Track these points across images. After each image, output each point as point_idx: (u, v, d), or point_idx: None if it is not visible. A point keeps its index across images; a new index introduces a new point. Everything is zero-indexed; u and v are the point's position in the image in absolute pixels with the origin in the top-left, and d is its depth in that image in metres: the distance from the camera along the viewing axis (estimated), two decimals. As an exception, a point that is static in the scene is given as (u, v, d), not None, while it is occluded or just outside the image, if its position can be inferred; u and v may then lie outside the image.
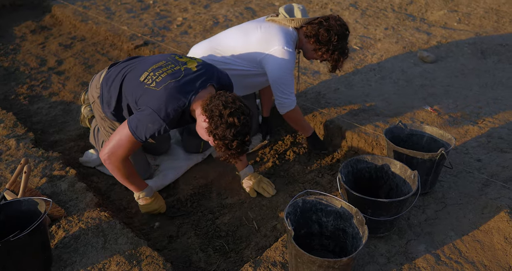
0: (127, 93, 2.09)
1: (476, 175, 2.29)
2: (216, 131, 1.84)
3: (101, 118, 2.35)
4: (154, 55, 2.25)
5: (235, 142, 1.85)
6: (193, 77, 2.00)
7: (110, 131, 2.35)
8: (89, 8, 5.19)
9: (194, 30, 4.48)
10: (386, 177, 2.05)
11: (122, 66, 2.20)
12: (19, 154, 2.52)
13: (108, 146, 2.00)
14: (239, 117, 1.83)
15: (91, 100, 2.37)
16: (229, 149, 1.88)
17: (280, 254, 1.88)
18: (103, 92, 2.20)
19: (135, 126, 1.93)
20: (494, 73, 3.49)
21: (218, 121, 1.82)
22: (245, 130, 1.87)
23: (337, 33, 2.35)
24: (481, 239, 1.91)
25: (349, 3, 5.17)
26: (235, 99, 1.87)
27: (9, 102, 3.45)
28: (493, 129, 2.68)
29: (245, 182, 2.48)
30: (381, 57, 3.80)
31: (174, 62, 2.09)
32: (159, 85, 1.95)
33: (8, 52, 4.35)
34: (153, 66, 2.06)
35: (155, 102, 1.91)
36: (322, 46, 2.39)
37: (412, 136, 2.30)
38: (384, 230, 1.91)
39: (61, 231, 1.99)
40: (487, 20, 4.59)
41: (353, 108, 2.99)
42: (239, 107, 1.85)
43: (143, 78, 2.02)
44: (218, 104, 1.83)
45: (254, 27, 2.47)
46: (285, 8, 2.47)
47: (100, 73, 2.32)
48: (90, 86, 2.36)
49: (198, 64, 2.09)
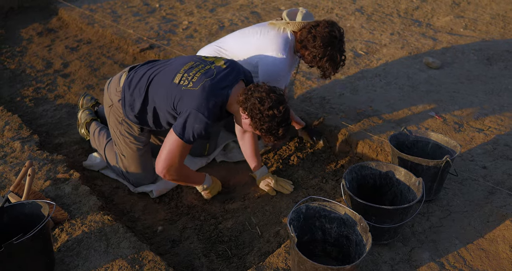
0: (156, 97, 2.14)
1: (481, 182, 2.28)
2: (262, 127, 1.99)
3: (118, 122, 2.36)
4: (178, 57, 2.30)
5: (281, 130, 2.01)
6: (225, 74, 2.10)
7: (126, 134, 2.36)
8: (96, 11, 5.22)
9: (200, 34, 4.49)
10: (391, 184, 2.04)
11: (145, 69, 2.24)
12: (24, 156, 2.52)
13: (161, 160, 2.08)
14: (278, 108, 1.96)
15: (108, 104, 2.38)
16: (276, 137, 2.04)
17: (283, 260, 1.86)
18: (125, 96, 2.23)
19: (181, 130, 2.00)
20: (500, 80, 3.47)
21: (261, 118, 1.97)
22: (286, 116, 2.02)
23: (322, 40, 2.29)
24: (486, 248, 1.89)
25: (355, 8, 5.17)
26: (268, 92, 1.98)
27: (14, 104, 3.47)
28: (499, 136, 2.67)
29: (262, 181, 2.51)
30: (386, 63, 3.79)
31: (203, 62, 2.17)
32: (196, 84, 2.02)
33: (15, 55, 4.38)
34: (184, 67, 2.13)
35: (196, 102, 1.98)
36: (309, 52, 2.36)
37: (417, 142, 2.29)
38: (388, 237, 1.89)
39: (64, 234, 1.99)
40: (493, 26, 4.58)
41: (358, 113, 2.98)
42: (274, 99, 1.96)
43: (177, 80, 2.08)
44: (255, 102, 1.95)
45: (254, 32, 2.50)
46: (289, 12, 2.48)
47: (118, 77, 2.33)
48: (108, 90, 2.37)
49: (225, 61, 2.19)
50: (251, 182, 2.61)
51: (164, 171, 2.09)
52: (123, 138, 2.38)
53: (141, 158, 2.43)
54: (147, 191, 2.50)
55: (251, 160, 2.52)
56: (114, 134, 2.42)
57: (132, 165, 2.43)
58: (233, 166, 2.78)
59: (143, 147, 2.42)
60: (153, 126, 2.30)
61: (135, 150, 2.40)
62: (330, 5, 5.30)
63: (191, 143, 2.05)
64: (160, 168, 2.09)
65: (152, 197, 2.48)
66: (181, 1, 5.60)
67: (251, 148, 2.47)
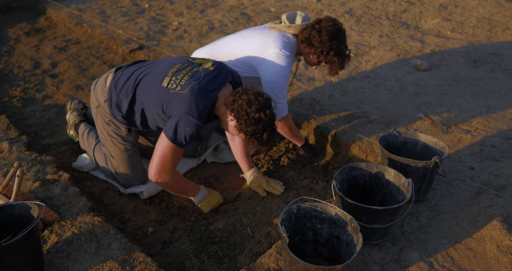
0: (144, 98, 2.13)
1: (469, 183, 2.31)
2: (247, 129, 1.98)
3: (105, 122, 2.35)
4: (165, 58, 2.29)
5: (265, 134, 2.01)
6: (213, 77, 2.10)
7: (113, 135, 2.35)
8: (84, 11, 5.18)
9: (190, 35, 4.48)
10: (381, 185, 2.06)
11: (132, 69, 2.23)
12: (12, 157, 2.49)
13: (154, 165, 2.06)
14: (265, 111, 1.97)
15: (95, 105, 2.36)
16: (260, 141, 2.03)
17: (274, 260, 1.87)
18: (112, 96, 2.22)
19: (172, 134, 1.99)
20: (486, 82, 3.53)
21: (247, 120, 1.96)
22: (272, 121, 2.03)
23: (328, 34, 2.35)
24: (474, 247, 1.92)
25: (344, 11, 5.21)
26: (257, 95, 1.99)
27: (2, 104, 3.43)
28: (485, 137, 2.71)
29: (253, 182, 2.52)
30: (375, 65, 3.82)
31: (191, 64, 2.16)
32: (184, 88, 2.02)
33: (2, 54, 4.32)
34: (172, 70, 2.12)
35: (185, 105, 1.98)
36: (315, 48, 2.40)
37: (406, 143, 2.32)
38: (378, 237, 1.91)
39: (53, 235, 1.97)
40: (480, 29, 4.65)
41: (347, 115, 3.00)
42: (262, 102, 1.97)
43: (165, 83, 2.07)
44: (242, 104, 1.95)
45: (254, 33, 2.51)
46: (288, 15, 2.49)
47: (105, 77, 2.32)
48: (95, 91, 2.35)
49: (213, 63, 2.18)
50: (242, 182, 2.62)
51: (157, 176, 2.07)
52: (110, 139, 2.37)
53: (130, 158, 2.42)
54: (138, 192, 2.48)
55: (241, 161, 2.52)
56: (102, 135, 2.41)
57: (121, 165, 2.42)
58: (223, 166, 2.78)
59: (131, 147, 2.41)
60: (141, 127, 2.29)
61: (123, 150, 2.39)
62: (319, 7, 5.33)
63: (183, 146, 2.04)
64: (152, 173, 2.07)
65: (143, 198, 2.47)
66: (171, 2, 5.59)
67: (241, 149, 2.48)
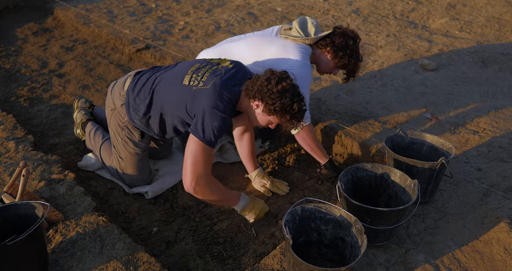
0: (163, 100, 2.11)
1: (476, 184, 2.28)
2: (275, 107, 1.95)
3: (120, 126, 2.34)
4: (181, 62, 2.28)
5: (295, 104, 1.96)
6: (234, 73, 2.10)
7: (125, 139, 2.35)
8: (92, 11, 5.20)
9: (196, 35, 4.49)
10: (386, 186, 2.04)
11: (150, 73, 2.23)
12: (18, 157, 2.51)
13: (188, 174, 1.94)
14: (286, 81, 1.96)
15: (110, 107, 2.36)
16: (293, 114, 1.98)
17: (278, 262, 1.86)
18: (129, 100, 2.22)
19: (201, 133, 1.94)
20: (495, 82, 3.49)
21: (271, 95, 1.94)
22: (296, 90, 1.99)
23: (352, 38, 2.44)
24: (480, 250, 1.89)
25: (351, 10, 5.18)
26: (271, 72, 2.00)
27: (9, 104, 3.45)
28: (493, 138, 2.68)
29: (257, 182, 2.51)
30: (382, 64, 3.80)
31: (209, 63, 2.16)
32: (207, 83, 2.01)
33: (10, 54, 4.35)
34: (191, 69, 2.11)
35: (210, 100, 1.96)
36: (340, 52, 2.44)
37: (412, 144, 2.30)
38: (383, 239, 1.89)
39: (58, 235, 1.97)
40: (488, 28, 4.60)
41: (353, 115, 2.98)
42: (278, 75, 1.98)
43: (187, 81, 2.06)
44: (261, 83, 1.96)
45: (268, 42, 2.48)
46: (299, 22, 2.47)
47: (123, 80, 2.31)
48: (112, 93, 2.35)
49: (231, 62, 2.18)
50: (247, 183, 2.61)
51: (194, 183, 1.94)
52: (122, 142, 2.37)
53: (139, 162, 2.42)
54: (142, 192, 2.49)
55: (247, 161, 2.51)
56: (114, 138, 2.41)
57: (129, 167, 2.42)
58: (228, 167, 2.77)
59: (141, 152, 2.41)
60: (158, 132, 2.25)
61: (134, 154, 2.39)
62: (326, 7, 5.31)
63: (214, 145, 1.97)
64: (188, 183, 1.94)
65: (147, 197, 2.48)
66: (177, 2, 5.60)
67: (248, 149, 2.47)
